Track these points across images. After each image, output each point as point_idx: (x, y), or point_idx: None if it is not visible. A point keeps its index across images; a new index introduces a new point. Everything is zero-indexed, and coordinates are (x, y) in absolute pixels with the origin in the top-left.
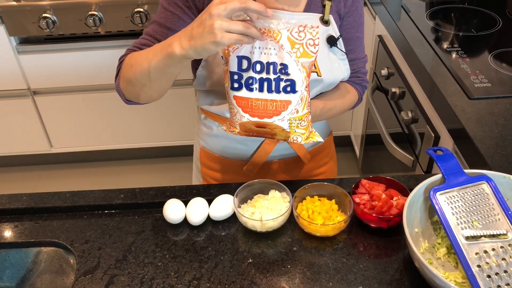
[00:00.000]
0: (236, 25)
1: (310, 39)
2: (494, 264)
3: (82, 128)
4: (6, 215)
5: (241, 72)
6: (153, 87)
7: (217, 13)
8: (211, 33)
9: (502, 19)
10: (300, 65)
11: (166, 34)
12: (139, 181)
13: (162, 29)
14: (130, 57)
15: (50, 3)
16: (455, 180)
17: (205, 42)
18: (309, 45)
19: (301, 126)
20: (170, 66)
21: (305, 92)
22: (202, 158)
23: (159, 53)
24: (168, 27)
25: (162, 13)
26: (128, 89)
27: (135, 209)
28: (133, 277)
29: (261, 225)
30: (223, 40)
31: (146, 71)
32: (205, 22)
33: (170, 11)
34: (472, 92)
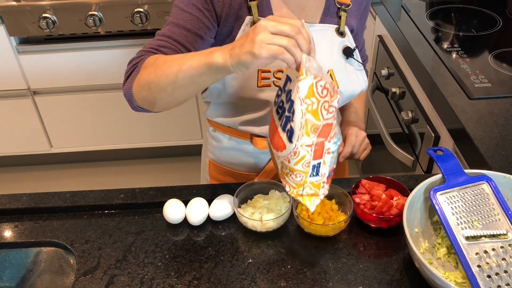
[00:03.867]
0: (280, 39)
1: (327, 102)
2: (494, 264)
3: (82, 128)
4: (6, 215)
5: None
6: (175, 94)
7: (265, 26)
8: (252, 42)
9: (502, 19)
10: (303, 119)
11: (186, 36)
12: (139, 181)
13: (180, 30)
14: (153, 59)
15: (50, 3)
16: (455, 180)
17: (242, 51)
18: (323, 108)
19: (292, 179)
20: (203, 75)
21: (302, 150)
22: (211, 172)
23: (195, 59)
24: (188, 28)
25: (179, 14)
26: (143, 94)
27: (135, 209)
28: (133, 277)
29: (261, 225)
30: (261, 51)
31: (173, 75)
32: (249, 33)
33: (188, 12)
34: (472, 92)
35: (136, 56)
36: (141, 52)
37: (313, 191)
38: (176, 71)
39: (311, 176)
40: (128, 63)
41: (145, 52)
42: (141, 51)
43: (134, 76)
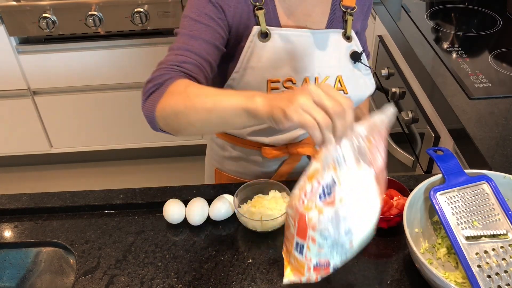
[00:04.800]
0: (317, 112)
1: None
2: (494, 264)
3: (82, 128)
4: (6, 215)
5: None
6: (203, 129)
7: (310, 92)
8: (289, 101)
9: (502, 19)
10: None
11: (205, 48)
12: (139, 181)
13: (198, 42)
14: (182, 86)
15: (50, 3)
16: (455, 180)
17: (278, 105)
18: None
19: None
20: (239, 117)
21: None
22: (218, 180)
23: (233, 99)
24: (205, 39)
25: (192, 25)
26: (168, 121)
27: (135, 209)
28: (133, 277)
29: (261, 225)
30: (293, 115)
31: (205, 112)
32: (295, 91)
33: (202, 23)
34: (472, 92)
35: (156, 74)
36: (161, 69)
37: (297, 265)
38: (210, 108)
39: (295, 249)
40: (148, 81)
41: (167, 70)
42: (161, 69)
43: (157, 98)
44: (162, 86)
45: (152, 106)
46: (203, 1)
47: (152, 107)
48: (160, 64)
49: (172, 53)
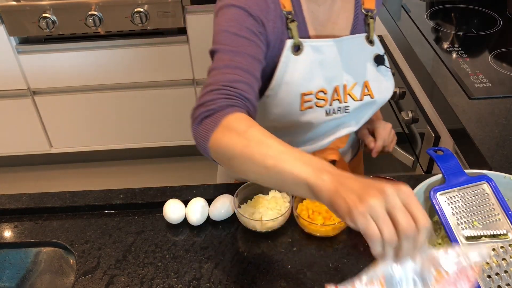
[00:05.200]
0: (386, 226)
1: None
2: (494, 264)
3: (82, 128)
4: (6, 215)
5: None
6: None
7: (386, 197)
8: (360, 200)
9: (502, 19)
10: None
11: (252, 64)
12: (139, 181)
13: (245, 58)
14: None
15: (50, 3)
16: (456, 180)
17: (344, 195)
18: None
19: None
20: (298, 188)
21: None
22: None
23: (297, 166)
24: (251, 55)
25: (235, 40)
26: (221, 158)
27: (135, 209)
28: (133, 277)
29: (261, 225)
30: (357, 218)
31: (263, 168)
32: (370, 185)
33: (245, 37)
34: (473, 92)
35: (208, 98)
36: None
37: None
38: (270, 166)
39: None
40: (199, 105)
41: (220, 94)
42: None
43: (211, 128)
44: (217, 114)
45: (205, 136)
46: (242, 14)
47: (205, 137)
48: (208, 86)
49: (219, 72)
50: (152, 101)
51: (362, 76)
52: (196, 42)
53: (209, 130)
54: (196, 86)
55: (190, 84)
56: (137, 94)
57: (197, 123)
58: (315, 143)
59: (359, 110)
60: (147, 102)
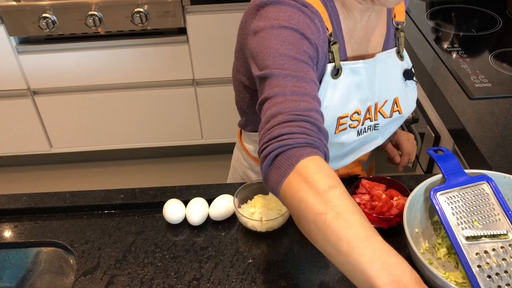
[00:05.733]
0: None
1: None
2: (494, 264)
3: (82, 128)
4: (6, 215)
5: None
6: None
7: None
8: None
9: (502, 19)
10: None
11: (315, 90)
12: (139, 181)
13: (309, 83)
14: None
15: (50, 3)
16: (456, 180)
17: None
18: None
19: None
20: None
21: None
22: None
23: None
24: (313, 80)
25: (295, 65)
26: (289, 207)
27: (135, 209)
28: (133, 277)
29: (261, 225)
30: None
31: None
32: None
33: (305, 62)
34: (473, 92)
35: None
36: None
37: None
38: (343, 252)
39: None
40: (273, 138)
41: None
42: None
43: (284, 171)
44: (293, 153)
45: (277, 179)
46: (297, 37)
47: (277, 181)
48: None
49: (287, 99)
50: (152, 101)
51: (393, 93)
52: (196, 42)
53: (282, 175)
54: (196, 86)
55: (190, 84)
56: (137, 94)
57: (269, 161)
58: (342, 160)
59: (387, 126)
60: (147, 102)
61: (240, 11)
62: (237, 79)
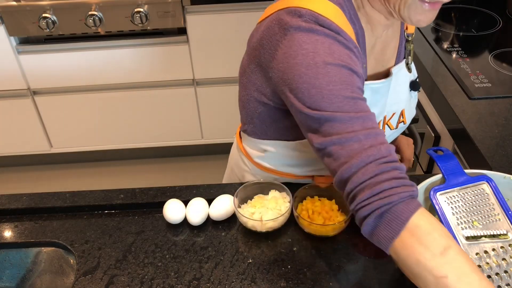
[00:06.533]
0: None
1: None
2: (494, 264)
3: (82, 128)
4: (6, 215)
5: None
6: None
7: None
8: None
9: (502, 19)
10: None
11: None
12: (139, 181)
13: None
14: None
15: (50, 3)
16: (455, 180)
17: None
18: None
19: None
20: None
21: None
22: None
23: None
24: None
25: (354, 105)
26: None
27: (135, 209)
28: (133, 277)
29: (261, 225)
30: None
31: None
32: None
33: (361, 99)
34: (472, 92)
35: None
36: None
37: None
38: None
39: None
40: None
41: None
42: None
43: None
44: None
45: (388, 237)
46: (346, 73)
47: (388, 239)
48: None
49: (364, 145)
50: (152, 101)
51: (401, 105)
52: (196, 42)
53: (393, 232)
54: (196, 86)
55: (190, 84)
56: (137, 94)
57: (375, 218)
58: None
59: (392, 136)
60: (147, 102)
61: (240, 11)
62: (250, 90)
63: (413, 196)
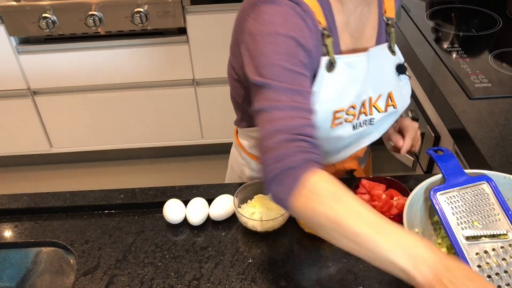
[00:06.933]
0: None
1: None
2: (494, 264)
3: (82, 128)
4: (6, 215)
5: None
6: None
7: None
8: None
9: (502, 19)
10: None
11: (311, 101)
12: (139, 181)
13: (306, 96)
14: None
15: (50, 3)
16: (455, 180)
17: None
18: None
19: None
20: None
21: None
22: None
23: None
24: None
25: (291, 77)
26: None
27: (135, 209)
28: (133, 277)
29: (261, 225)
30: None
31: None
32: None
33: (301, 73)
34: (472, 92)
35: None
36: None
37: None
38: (363, 244)
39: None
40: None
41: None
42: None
43: (289, 187)
44: (294, 174)
45: (284, 196)
46: (292, 46)
47: (284, 197)
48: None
49: (285, 115)
50: (152, 101)
51: (387, 87)
52: (196, 42)
53: (287, 192)
54: (196, 86)
55: (190, 84)
56: (137, 94)
57: (275, 182)
58: (337, 155)
59: (383, 121)
60: (147, 102)
61: None
62: (232, 74)
63: (310, 159)
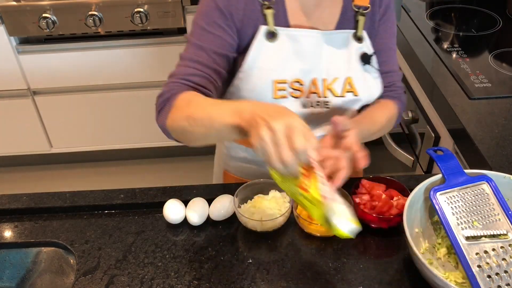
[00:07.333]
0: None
1: None
2: (494, 264)
3: (82, 128)
4: (6, 215)
5: None
6: (209, 142)
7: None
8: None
9: (502, 19)
10: None
11: (214, 59)
12: (139, 181)
13: (207, 53)
14: (186, 100)
15: (50, 3)
16: (455, 180)
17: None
18: None
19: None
20: (232, 133)
21: None
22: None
23: (224, 113)
24: (214, 50)
25: (202, 35)
26: (177, 133)
27: (135, 209)
28: (133, 277)
29: (261, 225)
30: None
31: (204, 127)
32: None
33: (212, 32)
34: (472, 92)
35: (165, 89)
36: (170, 84)
37: None
38: (207, 124)
39: None
40: (159, 96)
41: (176, 84)
42: (170, 83)
43: (166, 113)
44: (170, 101)
45: (162, 121)
46: (212, 7)
47: (163, 121)
48: (170, 77)
49: (181, 64)
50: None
51: (345, 71)
52: None
53: (165, 116)
54: None
55: None
56: (137, 94)
57: (157, 113)
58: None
59: (343, 104)
60: (147, 102)
61: None
62: None
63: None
